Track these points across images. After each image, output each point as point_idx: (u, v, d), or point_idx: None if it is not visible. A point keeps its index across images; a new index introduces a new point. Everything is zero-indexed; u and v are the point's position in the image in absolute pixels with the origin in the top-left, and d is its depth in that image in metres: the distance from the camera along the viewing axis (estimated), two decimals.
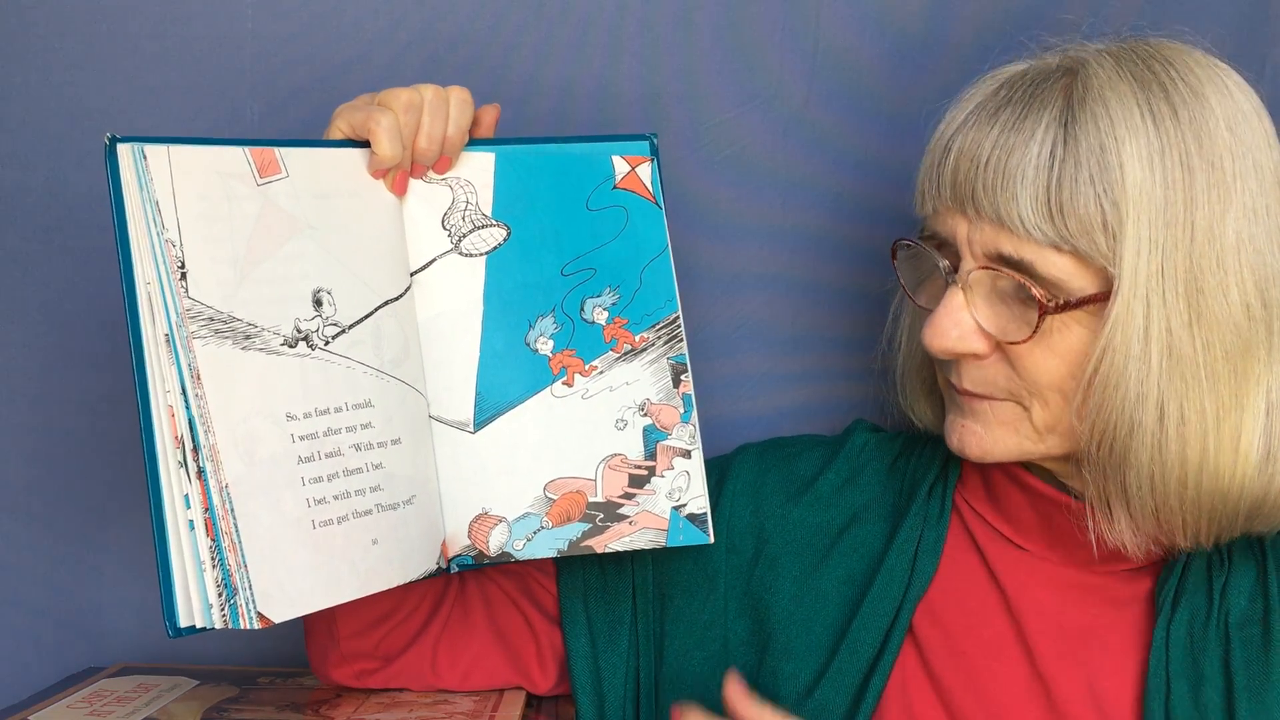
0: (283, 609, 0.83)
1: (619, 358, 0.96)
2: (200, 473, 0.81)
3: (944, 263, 0.94)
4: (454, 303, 0.95)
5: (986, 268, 0.91)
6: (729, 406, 1.23)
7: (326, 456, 0.87)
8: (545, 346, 0.96)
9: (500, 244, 0.96)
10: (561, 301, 0.96)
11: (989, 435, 0.95)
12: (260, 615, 0.81)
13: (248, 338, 0.84)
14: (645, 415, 0.96)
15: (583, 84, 1.21)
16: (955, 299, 0.93)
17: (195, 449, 0.81)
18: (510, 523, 0.95)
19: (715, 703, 0.88)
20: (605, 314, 0.96)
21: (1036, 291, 0.89)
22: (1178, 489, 0.90)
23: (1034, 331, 0.90)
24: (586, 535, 0.95)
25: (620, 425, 0.95)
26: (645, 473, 0.95)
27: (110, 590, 1.21)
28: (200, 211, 0.83)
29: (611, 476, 0.95)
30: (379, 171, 0.92)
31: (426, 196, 0.95)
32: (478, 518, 0.95)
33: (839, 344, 1.23)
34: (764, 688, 1.00)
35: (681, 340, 0.96)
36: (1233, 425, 0.89)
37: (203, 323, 0.82)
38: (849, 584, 1.03)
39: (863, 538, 1.05)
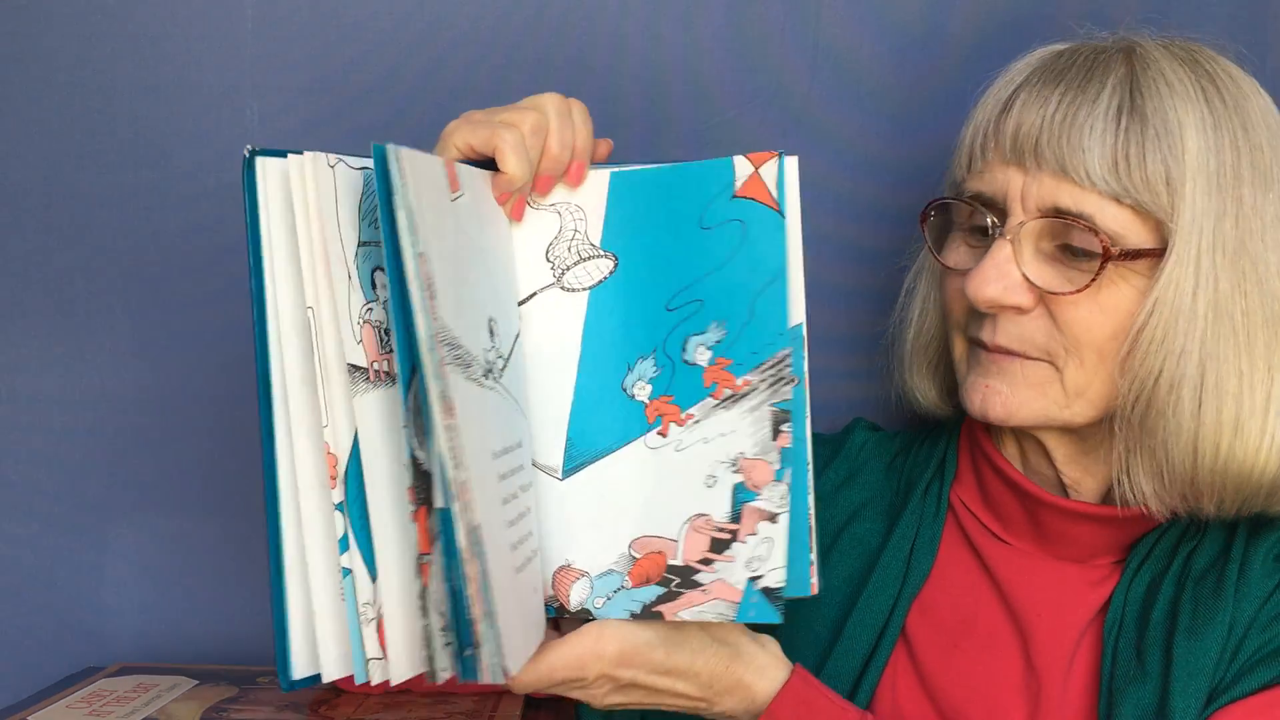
0: (513, 660, 0.74)
1: (718, 404, 0.84)
2: (442, 513, 0.70)
3: (990, 218, 0.95)
4: (552, 341, 0.87)
5: (1042, 218, 0.92)
6: None
7: (512, 498, 0.80)
8: (643, 392, 0.86)
9: (605, 277, 0.87)
10: (664, 341, 0.86)
11: (1015, 396, 0.95)
12: (505, 669, 0.72)
13: (467, 366, 0.75)
14: (737, 471, 0.83)
15: (585, 84, 1.21)
16: (1003, 251, 0.93)
17: (443, 488, 0.70)
18: (593, 579, 0.86)
19: None
20: (708, 354, 0.85)
21: (1102, 237, 0.90)
22: (1211, 450, 0.91)
23: (1093, 279, 0.91)
24: (660, 600, 0.84)
25: (710, 482, 0.84)
26: (728, 537, 0.83)
27: (110, 590, 1.21)
28: (433, 224, 0.73)
29: (694, 539, 0.84)
30: (503, 195, 0.85)
31: (532, 222, 0.87)
32: (561, 569, 0.87)
33: (839, 344, 1.23)
34: None
35: (789, 382, 0.83)
36: (1264, 393, 0.91)
37: (448, 347, 0.72)
38: (847, 582, 1.03)
39: (860, 536, 1.05)
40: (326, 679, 0.76)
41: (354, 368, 0.76)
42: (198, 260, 1.18)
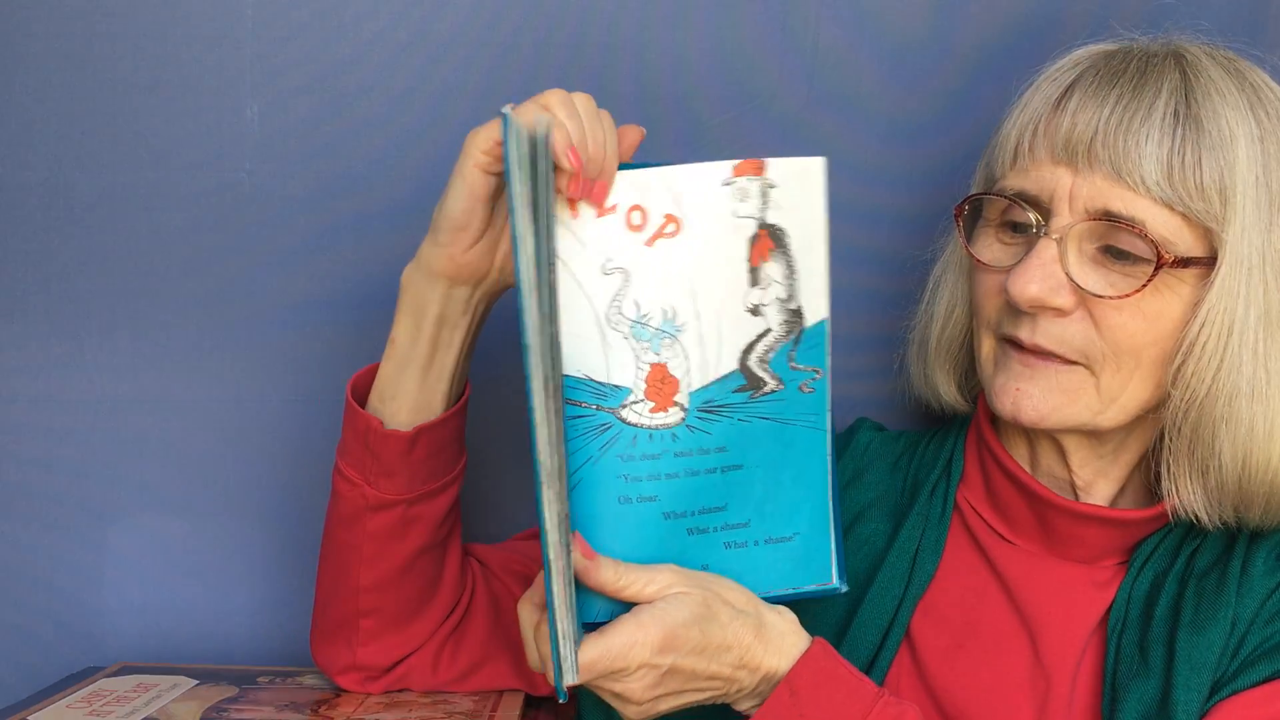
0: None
1: None
2: None
3: (1034, 216, 0.94)
4: None
5: (1091, 220, 0.92)
6: None
7: None
8: None
9: None
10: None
11: (1047, 400, 0.95)
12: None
13: None
14: None
15: (581, 84, 1.19)
16: (1048, 251, 0.93)
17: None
18: None
19: None
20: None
21: (1155, 243, 0.90)
22: (1262, 461, 0.92)
23: (1143, 285, 0.91)
24: None
25: None
26: None
27: (110, 590, 1.21)
28: None
29: None
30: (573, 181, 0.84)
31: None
32: None
33: (840, 344, 1.21)
34: None
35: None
36: None
37: None
38: (851, 583, 1.03)
39: (866, 536, 1.05)
40: None
41: None
42: (198, 260, 1.18)
